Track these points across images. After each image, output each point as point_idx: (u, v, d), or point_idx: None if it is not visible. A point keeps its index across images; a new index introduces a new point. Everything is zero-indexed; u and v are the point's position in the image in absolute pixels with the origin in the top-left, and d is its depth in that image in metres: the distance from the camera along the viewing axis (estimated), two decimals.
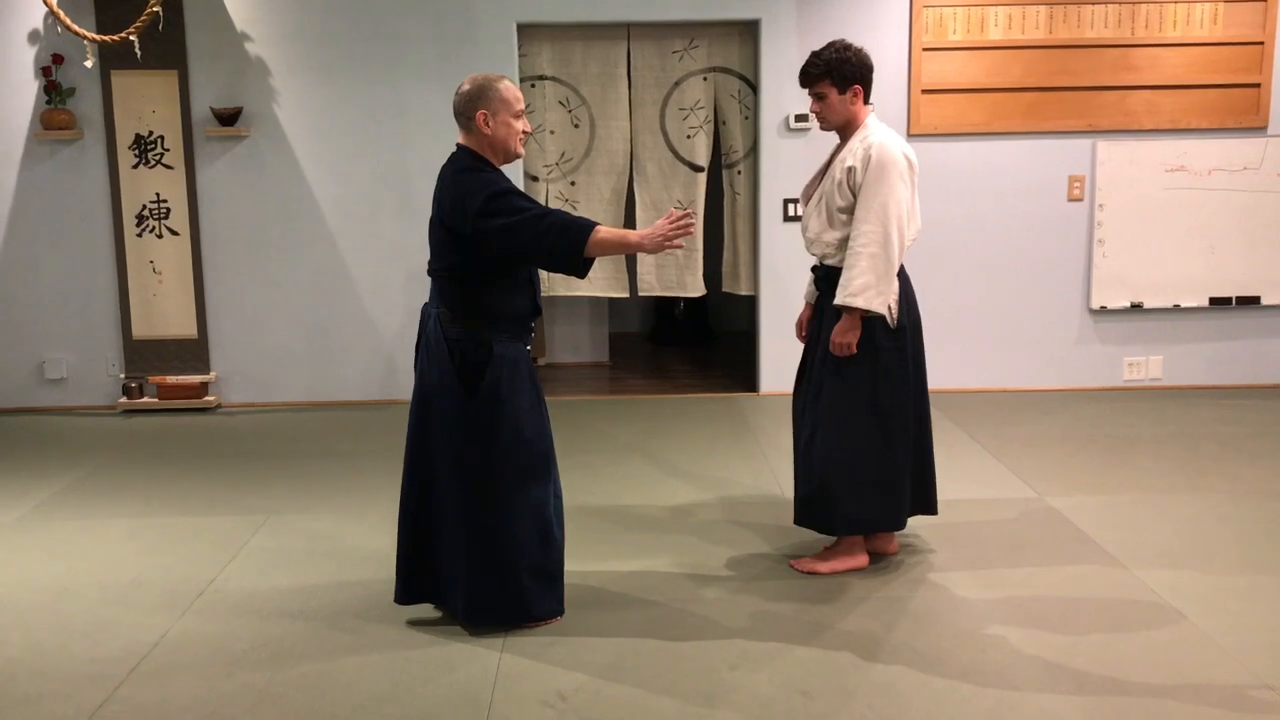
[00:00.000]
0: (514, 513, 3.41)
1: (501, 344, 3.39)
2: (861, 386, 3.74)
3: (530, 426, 3.43)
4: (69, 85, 6.17)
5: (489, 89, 3.37)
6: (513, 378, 3.40)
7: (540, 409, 3.49)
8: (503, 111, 3.37)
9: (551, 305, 7.63)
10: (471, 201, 3.29)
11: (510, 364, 3.40)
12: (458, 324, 3.39)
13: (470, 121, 3.39)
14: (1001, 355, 6.59)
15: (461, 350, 3.37)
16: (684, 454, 5.41)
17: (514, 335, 3.44)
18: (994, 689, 3.06)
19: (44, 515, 4.64)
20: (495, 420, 3.38)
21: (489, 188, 3.31)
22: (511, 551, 3.41)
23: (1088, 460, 5.20)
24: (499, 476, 3.39)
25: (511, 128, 3.39)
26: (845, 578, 3.83)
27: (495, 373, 3.36)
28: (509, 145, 3.42)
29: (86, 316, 6.44)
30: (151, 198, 6.33)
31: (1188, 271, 6.49)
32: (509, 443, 3.39)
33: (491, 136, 3.39)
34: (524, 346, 3.49)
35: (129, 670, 3.23)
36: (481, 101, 3.36)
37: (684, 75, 6.47)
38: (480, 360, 3.36)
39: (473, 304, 3.39)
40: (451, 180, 3.40)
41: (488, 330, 3.38)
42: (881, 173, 3.62)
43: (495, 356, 3.37)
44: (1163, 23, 6.27)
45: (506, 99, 3.38)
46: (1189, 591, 3.67)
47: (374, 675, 3.19)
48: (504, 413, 3.38)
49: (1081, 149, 6.41)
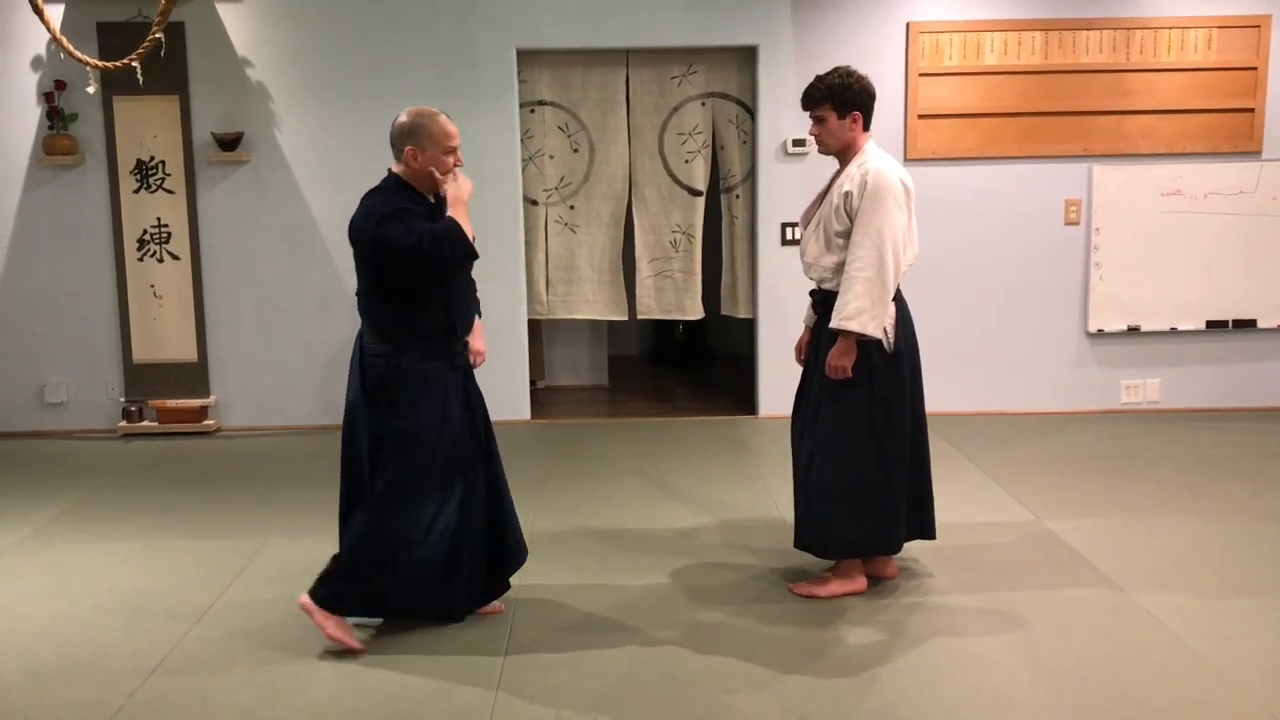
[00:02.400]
0: (386, 523, 3.46)
1: (412, 361, 3.43)
2: (858, 410, 3.75)
3: (420, 447, 3.45)
4: (71, 111, 6.21)
5: (421, 126, 3.43)
6: (418, 398, 3.44)
7: (441, 430, 3.47)
8: (432, 148, 3.42)
9: (551, 328, 7.65)
10: (369, 222, 3.38)
11: (418, 383, 3.44)
12: (376, 340, 3.47)
13: (400, 154, 3.47)
14: (999, 378, 6.61)
15: (374, 365, 3.45)
16: (683, 476, 5.42)
17: (430, 353, 3.47)
18: (992, 713, 3.06)
19: (43, 539, 4.64)
20: (394, 438, 3.44)
21: (384, 209, 3.37)
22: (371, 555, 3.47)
23: (1086, 483, 5.21)
24: (388, 495, 3.44)
25: (440, 163, 3.44)
26: (843, 601, 3.83)
27: (399, 391, 3.43)
28: (435, 182, 3.47)
29: (87, 340, 6.45)
30: (152, 222, 6.36)
31: (1184, 294, 6.52)
32: (396, 461, 3.44)
33: (419, 171, 3.45)
34: (444, 366, 3.51)
35: (129, 694, 3.23)
36: (412, 137, 3.43)
37: (682, 100, 6.51)
38: (386, 377, 3.43)
39: (387, 321, 3.45)
40: (366, 198, 3.49)
41: (402, 345, 3.44)
42: (877, 198, 3.65)
43: (402, 373, 3.43)
44: (1157, 48, 6.32)
45: (437, 137, 3.42)
46: (1187, 615, 3.68)
47: (374, 700, 3.19)
48: (402, 432, 3.44)
49: (1078, 173, 6.44)
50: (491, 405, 6.44)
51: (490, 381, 6.51)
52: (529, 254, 6.60)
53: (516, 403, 6.62)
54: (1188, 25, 6.30)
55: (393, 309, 3.45)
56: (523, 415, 6.63)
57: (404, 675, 3.31)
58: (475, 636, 3.58)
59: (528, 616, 3.74)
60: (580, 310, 6.74)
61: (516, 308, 6.53)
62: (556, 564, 4.24)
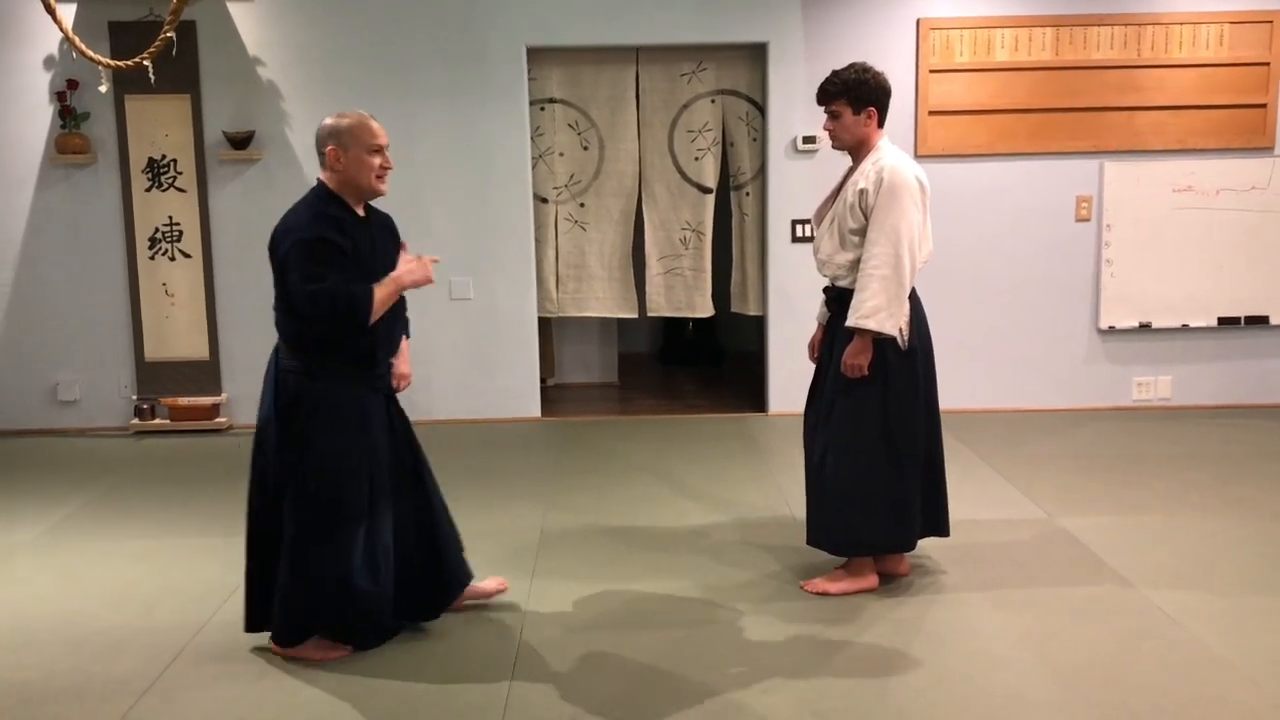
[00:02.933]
0: (313, 551, 3.31)
1: (331, 382, 3.29)
2: (872, 408, 3.75)
3: (337, 474, 3.29)
4: (83, 110, 6.23)
5: (343, 125, 3.28)
6: (331, 418, 3.28)
7: (359, 456, 3.32)
8: (354, 147, 3.27)
9: (561, 325, 7.66)
10: (285, 239, 3.24)
11: (333, 403, 3.29)
12: (292, 356, 3.32)
13: (323, 157, 3.31)
14: (1010, 375, 6.60)
15: (286, 383, 3.30)
16: (694, 474, 5.42)
17: (351, 375, 3.33)
18: (1006, 710, 3.06)
19: (57, 536, 4.66)
20: (303, 456, 3.29)
21: (302, 232, 3.22)
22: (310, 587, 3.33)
23: (1097, 480, 5.20)
24: (304, 512, 3.31)
25: (364, 163, 3.28)
26: (857, 599, 3.83)
27: (312, 409, 3.27)
28: (360, 181, 3.30)
29: (99, 338, 6.48)
30: (164, 220, 6.38)
31: (1196, 291, 6.50)
32: (312, 481, 3.29)
33: (343, 173, 3.29)
34: (363, 388, 3.36)
35: (143, 690, 3.24)
36: (333, 138, 3.28)
37: (692, 98, 6.51)
38: (300, 395, 3.28)
39: (300, 338, 3.30)
40: (291, 208, 3.34)
41: (317, 365, 3.29)
42: (893, 195, 3.65)
43: (316, 393, 3.27)
44: (1169, 44, 6.31)
45: (360, 135, 3.27)
46: (1201, 613, 3.67)
47: (385, 699, 3.19)
48: (311, 451, 3.28)
49: (1089, 169, 6.43)
50: (501, 402, 6.59)
51: (499, 379, 6.57)
52: (539, 251, 6.61)
53: (526, 400, 6.63)
54: (1199, 21, 6.28)
55: (305, 327, 3.27)
56: (533, 413, 6.64)
57: (415, 676, 3.31)
58: (486, 636, 3.58)
59: (539, 615, 3.74)
60: (590, 308, 6.75)
61: (526, 305, 6.54)
62: (568, 562, 4.24)
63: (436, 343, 6.50)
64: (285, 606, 3.37)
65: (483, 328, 6.54)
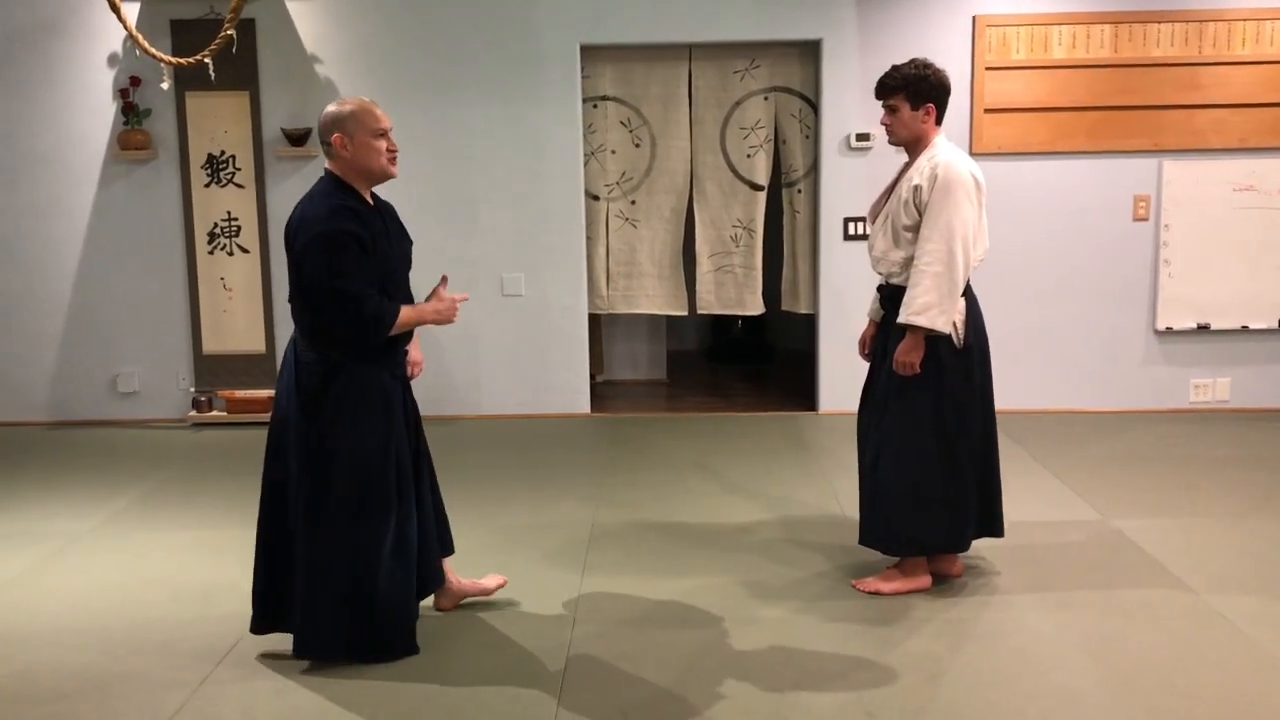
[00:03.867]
0: (335, 548, 3.27)
1: (350, 370, 3.26)
2: (926, 407, 3.73)
3: (367, 462, 3.27)
4: (145, 106, 6.34)
5: (345, 113, 3.27)
6: (357, 407, 3.26)
7: (387, 444, 3.31)
8: (359, 133, 3.26)
9: (611, 323, 7.67)
10: (304, 232, 3.21)
11: (358, 392, 3.27)
12: (310, 348, 3.29)
13: (329, 147, 3.29)
14: (1065, 376, 6.52)
15: (309, 374, 3.27)
16: (743, 472, 5.42)
17: (372, 361, 3.30)
18: (1060, 712, 3.03)
19: (117, 525, 4.75)
20: (331, 449, 3.25)
21: (323, 226, 3.19)
22: (336, 587, 3.29)
23: (1154, 483, 5.13)
24: (330, 509, 3.26)
25: (371, 148, 3.27)
26: (909, 599, 3.81)
27: (336, 400, 3.25)
28: (369, 165, 3.29)
29: (158, 331, 6.59)
30: (223, 216, 6.48)
31: (1256, 292, 6.39)
32: (341, 474, 3.26)
33: (350, 159, 3.28)
34: (385, 374, 3.34)
35: (203, 677, 3.30)
36: (337, 125, 3.26)
37: (745, 95, 6.50)
38: (323, 386, 3.25)
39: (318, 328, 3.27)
40: (304, 200, 3.31)
41: (337, 356, 3.26)
42: (947, 191, 3.62)
43: (339, 383, 3.25)
44: (1231, 40, 6.20)
45: (363, 120, 3.27)
46: (1261, 617, 3.61)
47: (439, 686, 3.22)
48: (339, 443, 3.26)
49: (1147, 168, 6.34)
50: (551, 398, 6.63)
51: (550, 375, 6.61)
52: (590, 248, 6.63)
53: (576, 397, 6.65)
54: (1263, 17, 6.17)
55: (318, 320, 3.25)
56: (582, 409, 6.66)
57: (471, 669, 3.34)
58: (539, 631, 3.60)
59: (590, 611, 3.76)
60: (640, 305, 6.76)
61: (577, 302, 6.57)
62: (618, 558, 4.26)
63: (487, 338, 6.55)
64: (311, 612, 3.31)
65: (534, 324, 6.58)
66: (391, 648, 3.38)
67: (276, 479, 3.37)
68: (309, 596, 3.31)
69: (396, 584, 3.36)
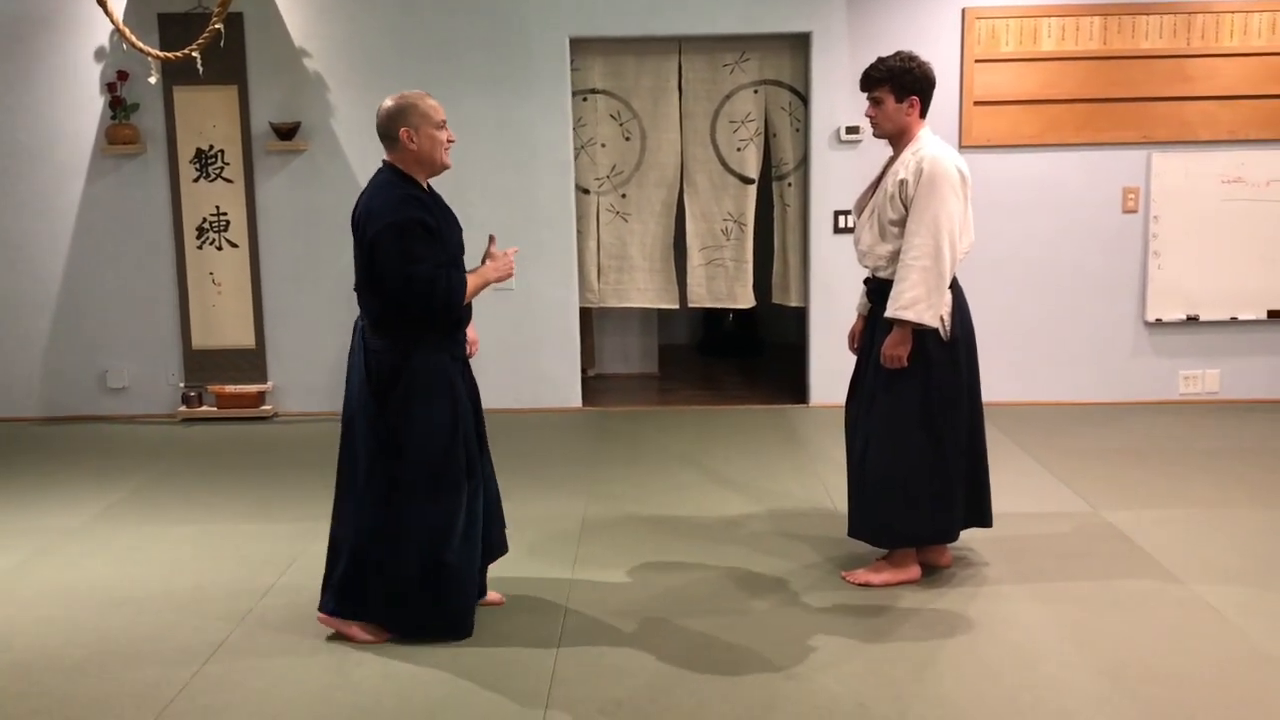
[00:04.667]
0: (409, 529, 3.39)
1: (418, 355, 3.38)
2: (913, 399, 3.74)
3: (439, 442, 3.39)
4: (133, 101, 6.32)
5: (408, 105, 3.39)
6: (428, 391, 3.39)
7: (455, 423, 3.43)
8: (424, 125, 3.38)
9: (602, 316, 7.68)
10: (375, 222, 3.33)
11: (426, 375, 3.39)
12: (377, 335, 3.42)
13: (394, 141, 3.40)
14: (1055, 368, 6.54)
15: (378, 361, 3.40)
16: (734, 465, 5.43)
17: (434, 346, 3.42)
18: (1050, 702, 3.04)
19: (107, 521, 4.74)
20: (404, 434, 3.38)
21: (393, 215, 3.32)
22: (410, 569, 3.40)
23: (1143, 474, 5.15)
24: (402, 491, 3.39)
25: (435, 139, 3.41)
26: (898, 590, 3.82)
27: (407, 384, 3.37)
28: (434, 157, 3.43)
29: (148, 326, 6.58)
30: (211, 210, 6.46)
31: (1245, 283, 6.41)
32: (415, 456, 3.39)
33: (417, 151, 3.40)
34: (447, 356, 3.46)
35: (193, 673, 3.30)
36: (402, 118, 3.37)
37: (735, 88, 6.50)
38: (394, 372, 3.38)
39: (390, 314, 3.40)
40: (369, 192, 3.43)
41: (405, 341, 3.39)
42: (933, 185, 3.63)
43: (409, 368, 3.37)
44: (1219, 33, 6.21)
45: (426, 112, 3.39)
46: (1249, 608, 3.63)
47: (431, 680, 3.23)
48: (413, 427, 3.38)
49: (1136, 160, 6.35)
50: (543, 392, 6.62)
51: (541, 369, 6.60)
52: (581, 242, 6.63)
53: (568, 390, 6.65)
54: (1251, 9, 6.19)
55: (391, 307, 3.39)
56: (574, 403, 6.66)
57: (460, 664, 3.34)
58: (529, 624, 3.61)
59: (581, 603, 3.76)
60: (631, 298, 6.76)
61: (568, 296, 6.56)
62: (609, 551, 4.27)
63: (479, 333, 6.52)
64: (386, 595, 3.43)
65: (525, 318, 6.57)
66: (458, 626, 3.49)
67: (348, 465, 3.51)
68: (382, 579, 3.42)
69: (465, 563, 3.48)
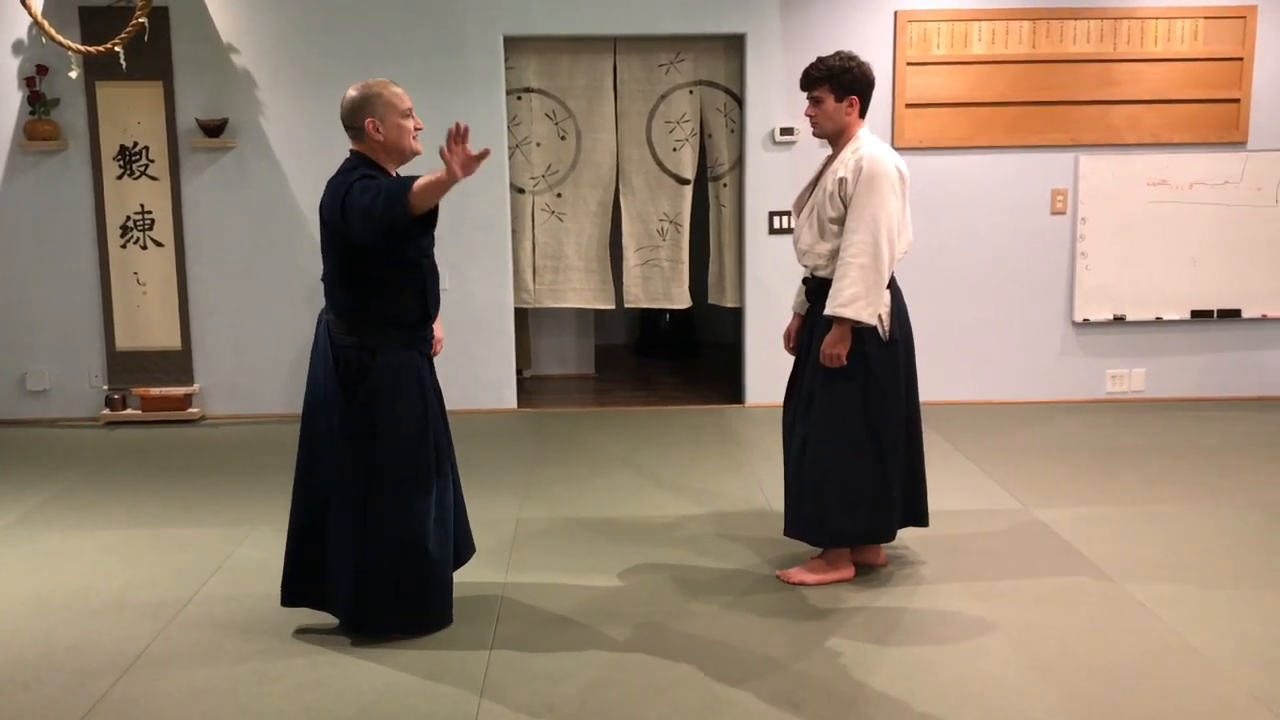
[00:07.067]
0: (384, 525, 3.38)
1: (387, 352, 3.38)
2: (852, 398, 3.75)
3: (408, 439, 3.39)
4: (53, 96, 6.15)
5: (372, 95, 3.36)
6: (395, 387, 3.38)
7: (425, 420, 3.44)
8: (390, 114, 3.36)
9: (537, 317, 7.63)
10: (327, 196, 3.34)
11: (393, 373, 3.38)
12: (345, 330, 3.39)
13: (360, 131, 3.38)
14: (985, 367, 6.62)
15: (345, 358, 3.38)
16: (670, 466, 5.41)
17: (403, 343, 3.43)
18: (983, 700, 3.06)
19: (27, 527, 4.60)
20: (372, 430, 3.36)
21: (353, 177, 3.29)
22: (380, 564, 3.38)
23: (1073, 472, 5.22)
24: (373, 489, 3.37)
25: (403, 128, 3.39)
26: (835, 589, 3.83)
27: (375, 382, 3.36)
28: (403, 145, 3.41)
29: (69, 328, 6.40)
30: (136, 209, 6.30)
31: (1170, 284, 6.54)
32: (384, 454, 3.37)
33: (384, 141, 3.38)
34: (414, 354, 3.47)
35: (113, 682, 3.20)
36: (367, 108, 3.35)
37: (670, 88, 6.49)
38: (362, 369, 3.36)
39: (360, 309, 3.38)
40: (333, 181, 3.39)
41: (375, 337, 3.38)
42: (872, 184, 3.64)
43: (377, 365, 3.36)
44: (1144, 38, 6.33)
45: (391, 101, 3.37)
46: (1176, 603, 3.69)
47: (360, 686, 3.17)
48: (380, 424, 3.36)
49: (1064, 163, 6.45)
50: (477, 394, 6.56)
51: (476, 370, 6.54)
52: (516, 242, 6.57)
53: (503, 391, 6.60)
54: (1174, 16, 6.32)
55: (361, 295, 3.38)
56: (509, 404, 6.61)
57: (389, 669, 3.28)
58: (460, 629, 3.54)
59: (514, 608, 3.72)
60: (567, 299, 6.72)
61: (503, 296, 6.50)
62: (543, 554, 4.22)
63: None
64: (361, 592, 3.39)
65: (459, 319, 6.49)
66: (437, 618, 3.49)
67: (308, 461, 3.48)
68: (358, 576, 3.39)
69: (441, 554, 3.47)
